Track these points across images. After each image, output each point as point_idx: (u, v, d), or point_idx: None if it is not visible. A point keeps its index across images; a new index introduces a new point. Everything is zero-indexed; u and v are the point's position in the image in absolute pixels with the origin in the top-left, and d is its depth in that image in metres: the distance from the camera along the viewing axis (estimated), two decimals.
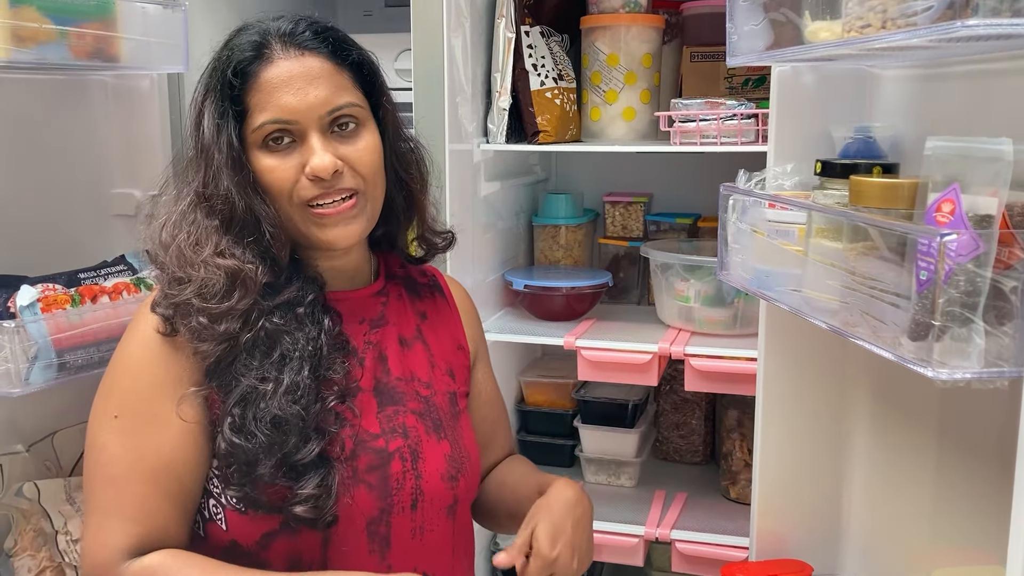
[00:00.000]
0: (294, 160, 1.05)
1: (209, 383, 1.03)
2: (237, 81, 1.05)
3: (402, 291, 1.23)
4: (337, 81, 1.06)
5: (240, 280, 1.02)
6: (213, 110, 1.05)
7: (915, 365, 0.84)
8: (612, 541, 1.69)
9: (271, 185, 1.05)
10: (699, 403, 1.96)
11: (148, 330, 1.05)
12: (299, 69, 1.05)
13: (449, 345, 1.24)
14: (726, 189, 1.24)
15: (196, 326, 1.02)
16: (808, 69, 1.26)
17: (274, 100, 1.04)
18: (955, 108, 1.11)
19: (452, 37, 1.60)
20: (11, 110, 1.44)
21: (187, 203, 1.07)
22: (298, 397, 1.02)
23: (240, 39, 1.07)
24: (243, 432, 1.01)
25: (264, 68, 1.05)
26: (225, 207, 1.04)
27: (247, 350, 1.03)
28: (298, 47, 1.06)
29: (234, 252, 1.04)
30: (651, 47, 1.81)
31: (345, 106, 1.06)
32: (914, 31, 0.81)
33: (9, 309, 1.30)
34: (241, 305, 1.02)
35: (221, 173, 1.04)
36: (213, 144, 1.04)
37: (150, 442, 1.02)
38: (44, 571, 1.36)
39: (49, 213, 1.50)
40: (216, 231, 1.05)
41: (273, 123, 1.04)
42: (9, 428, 1.44)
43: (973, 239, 0.80)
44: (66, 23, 1.28)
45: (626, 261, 2.02)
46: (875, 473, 1.30)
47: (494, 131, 1.73)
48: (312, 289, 1.09)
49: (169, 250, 1.05)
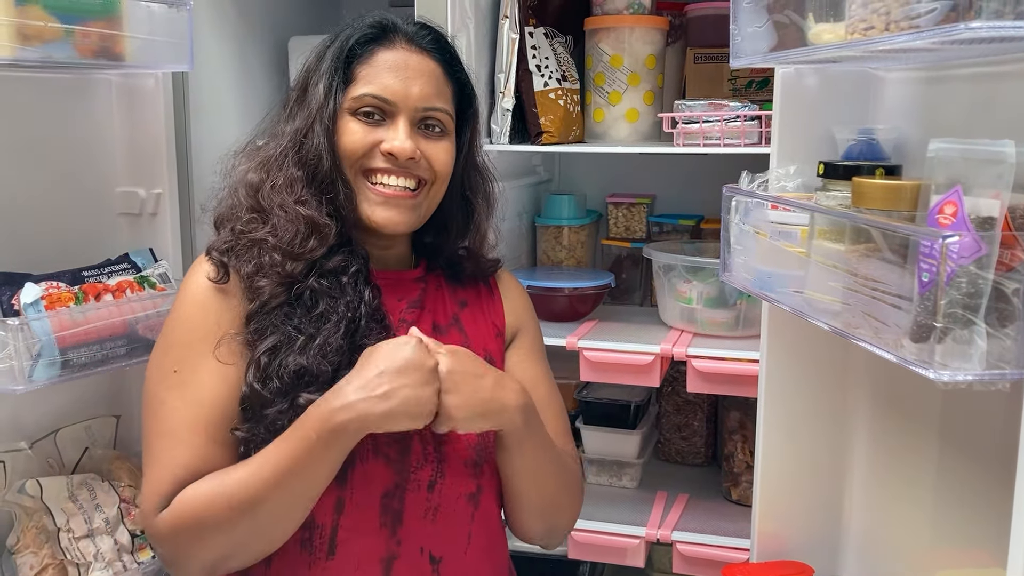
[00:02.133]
0: (376, 135, 1.12)
1: (246, 326, 1.08)
2: (355, 52, 1.14)
3: (441, 281, 1.26)
4: (441, 87, 1.16)
5: (317, 230, 1.10)
6: (328, 69, 1.13)
7: (917, 367, 0.84)
8: (613, 542, 1.69)
9: (345, 147, 1.12)
10: (701, 405, 1.97)
11: (198, 285, 1.11)
12: (414, 62, 1.14)
13: (488, 332, 1.25)
14: (729, 190, 1.24)
15: (266, 262, 1.08)
16: (811, 71, 1.26)
17: (381, 78, 1.12)
18: (958, 111, 1.11)
19: (456, 38, 1.60)
20: (16, 108, 1.44)
21: (280, 150, 1.14)
22: (330, 355, 1.06)
23: (367, 19, 1.17)
24: (264, 379, 1.05)
25: (383, 49, 1.14)
26: (314, 160, 1.12)
27: (292, 302, 1.09)
28: (419, 46, 1.16)
29: (313, 204, 1.11)
30: (655, 48, 1.81)
31: (440, 110, 1.15)
32: (917, 33, 0.81)
33: (13, 306, 1.31)
34: (315, 253, 1.10)
35: (318, 128, 1.11)
36: (322, 106, 1.12)
37: (205, 393, 1.07)
38: (46, 568, 1.36)
39: (53, 211, 1.50)
40: (301, 181, 1.12)
41: (373, 97, 1.12)
42: (12, 425, 1.44)
43: (975, 241, 0.80)
44: (72, 21, 1.28)
45: (629, 262, 2.02)
46: (876, 475, 1.30)
47: (497, 131, 1.74)
48: (357, 261, 1.14)
49: (258, 190, 1.13)
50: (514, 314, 1.29)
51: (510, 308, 1.29)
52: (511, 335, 1.28)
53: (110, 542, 1.40)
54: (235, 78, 1.87)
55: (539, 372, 1.28)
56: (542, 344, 1.33)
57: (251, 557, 1.07)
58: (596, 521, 1.71)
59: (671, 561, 1.68)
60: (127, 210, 1.61)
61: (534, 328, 1.32)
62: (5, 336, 1.25)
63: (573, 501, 1.25)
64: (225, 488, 1.02)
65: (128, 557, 1.42)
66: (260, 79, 1.96)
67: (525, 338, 1.29)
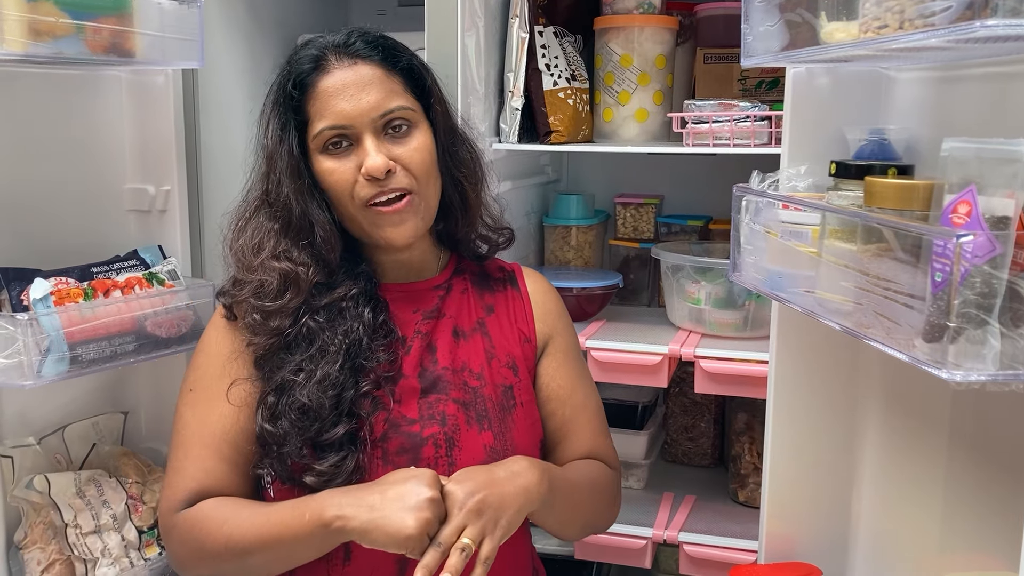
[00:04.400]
0: (352, 162, 1.13)
1: (256, 370, 1.15)
2: (297, 92, 1.15)
3: (468, 285, 1.27)
4: (388, 86, 1.14)
5: (292, 281, 1.13)
6: (276, 121, 1.16)
7: (929, 367, 0.83)
8: (619, 543, 1.68)
9: (333, 187, 1.14)
10: (708, 406, 1.96)
11: (219, 315, 1.20)
12: (352, 77, 1.13)
13: (514, 338, 1.26)
14: (739, 190, 1.23)
15: (251, 322, 1.14)
16: (823, 71, 1.26)
17: (330, 107, 1.13)
18: (971, 111, 1.10)
19: (466, 37, 1.60)
20: (27, 104, 1.45)
21: (253, 207, 1.18)
22: (327, 387, 1.10)
23: (301, 53, 1.17)
24: (273, 418, 1.11)
25: (321, 78, 1.14)
26: (284, 212, 1.15)
27: (289, 345, 1.14)
28: (351, 56, 1.15)
29: (290, 255, 1.15)
30: (664, 48, 1.80)
31: (396, 109, 1.14)
32: (932, 31, 0.81)
33: (22, 302, 1.31)
34: (292, 304, 1.13)
35: (282, 180, 1.14)
36: (276, 153, 1.15)
37: (213, 413, 1.15)
38: (53, 564, 1.37)
39: (63, 207, 1.50)
40: (276, 234, 1.15)
41: (330, 129, 1.13)
42: (20, 421, 1.44)
43: (989, 240, 0.79)
44: (83, 17, 1.28)
45: (637, 262, 2.02)
46: (885, 477, 1.30)
47: (506, 131, 1.73)
48: (357, 284, 1.17)
49: (234, 251, 1.18)
50: (545, 321, 1.30)
51: (540, 314, 1.30)
52: (543, 341, 1.29)
53: (117, 538, 1.40)
54: (245, 75, 1.87)
55: (576, 375, 1.30)
56: (577, 343, 1.35)
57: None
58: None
59: (677, 562, 1.68)
60: (136, 207, 1.61)
61: (566, 330, 1.33)
62: (14, 331, 1.25)
63: (610, 512, 1.31)
64: (228, 525, 1.09)
65: (135, 553, 1.42)
66: (270, 76, 1.95)
67: (559, 342, 1.30)
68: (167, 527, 1.15)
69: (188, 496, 1.13)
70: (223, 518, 1.10)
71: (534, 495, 1.09)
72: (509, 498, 1.06)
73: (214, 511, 1.11)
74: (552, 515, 1.16)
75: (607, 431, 1.32)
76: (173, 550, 1.16)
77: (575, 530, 1.29)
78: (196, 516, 1.12)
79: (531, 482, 1.09)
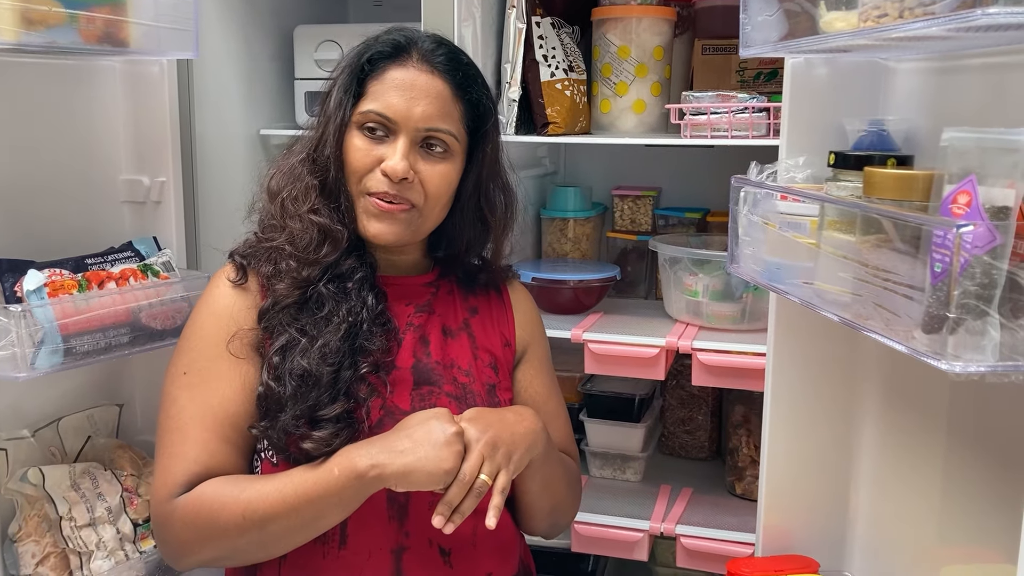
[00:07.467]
0: (379, 151, 1.15)
1: (259, 325, 1.15)
2: (368, 67, 1.17)
3: (454, 287, 1.30)
4: (448, 108, 1.17)
5: (331, 236, 1.15)
6: (342, 83, 1.18)
7: (928, 358, 0.83)
8: (616, 535, 1.68)
9: (350, 163, 1.16)
10: (705, 398, 1.96)
11: (214, 296, 1.18)
12: (421, 82, 1.16)
13: (496, 340, 1.29)
14: (737, 181, 1.23)
15: (284, 268, 1.15)
16: (822, 61, 1.25)
17: (387, 96, 1.15)
18: (970, 101, 1.10)
19: (463, 27, 1.59)
20: (20, 94, 1.43)
21: (299, 159, 1.20)
22: (327, 356, 1.11)
23: (388, 36, 1.19)
24: (278, 378, 1.11)
25: (394, 67, 1.17)
26: (323, 171, 1.17)
27: (301, 304, 1.14)
28: (430, 64, 1.17)
29: (324, 212, 1.16)
30: (662, 40, 1.80)
31: (442, 131, 1.16)
32: (933, 19, 0.80)
33: (16, 293, 1.30)
34: (327, 259, 1.15)
35: (330, 140, 1.16)
36: (332, 114, 1.17)
37: (212, 395, 1.13)
38: (48, 556, 1.36)
39: (57, 198, 1.49)
40: (315, 190, 1.17)
41: (376, 114, 1.15)
42: (14, 413, 1.43)
43: (989, 231, 0.79)
44: (76, 6, 1.27)
45: (634, 255, 2.01)
46: (883, 469, 1.30)
47: (503, 122, 1.72)
48: (363, 268, 1.18)
49: (275, 198, 1.19)
50: (525, 329, 1.34)
51: (521, 322, 1.34)
52: (522, 349, 1.33)
53: (112, 531, 1.40)
54: (240, 66, 1.86)
55: (549, 386, 1.35)
56: (550, 355, 1.40)
57: (246, 562, 1.14)
58: (599, 514, 1.70)
59: (674, 555, 1.68)
60: (131, 198, 1.60)
61: (543, 342, 1.38)
62: (8, 323, 1.25)
63: (575, 501, 1.35)
64: (243, 495, 1.07)
65: (130, 546, 1.41)
66: (265, 68, 1.95)
67: (537, 351, 1.35)
68: (164, 514, 1.11)
69: (189, 480, 1.11)
70: (239, 489, 1.08)
71: (539, 440, 1.15)
72: (519, 437, 1.12)
73: (224, 486, 1.09)
74: (540, 474, 1.19)
75: (574, 440, 1.39)
76: (174, 536, 1.11)
77: (547, 505, 1.27)
78: (201, 496, 1.09)
79: (538, 427, 1.16)
